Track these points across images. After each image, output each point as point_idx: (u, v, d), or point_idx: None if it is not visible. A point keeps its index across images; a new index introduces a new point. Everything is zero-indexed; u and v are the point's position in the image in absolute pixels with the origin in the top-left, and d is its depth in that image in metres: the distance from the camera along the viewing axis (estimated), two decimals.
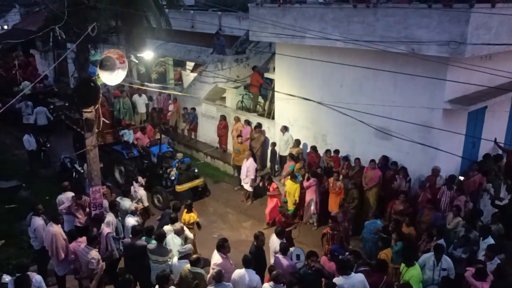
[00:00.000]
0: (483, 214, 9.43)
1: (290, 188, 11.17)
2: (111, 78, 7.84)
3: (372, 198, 10.76)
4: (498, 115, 11.80)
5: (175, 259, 7.75)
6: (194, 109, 16.49)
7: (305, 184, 11.16)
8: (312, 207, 11.14)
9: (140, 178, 11.19)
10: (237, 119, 14.73)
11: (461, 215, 9.19)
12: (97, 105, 8.21)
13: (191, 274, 7.05)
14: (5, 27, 40.31)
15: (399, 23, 9.65)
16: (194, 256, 7.41)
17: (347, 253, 7.97)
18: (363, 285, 6.88)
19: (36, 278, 7.07)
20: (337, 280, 6.85)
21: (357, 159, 11.41)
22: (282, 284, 6.73)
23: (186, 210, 9.69)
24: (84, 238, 7.94)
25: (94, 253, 7.73)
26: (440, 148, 9.34)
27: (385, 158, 11.17)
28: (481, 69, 9.25)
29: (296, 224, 9.98)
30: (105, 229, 8.35)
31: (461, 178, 10.62)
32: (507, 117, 12.49)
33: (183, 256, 7.59)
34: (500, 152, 11.95)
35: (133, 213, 9.19)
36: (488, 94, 10.43)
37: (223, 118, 15.34)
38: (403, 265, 7.73)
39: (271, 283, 6.71)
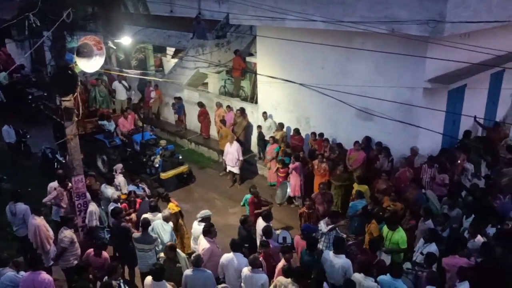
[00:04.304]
0: (463, 191, 9.62)
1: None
2: (89, 65, 7.70)
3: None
4: (478, 93, 11.96)
5: (195, 223, 8.43)
6: (180, 98, 16.07)
7: (291, 166, 11.22)
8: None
9: (119, 165, 10.99)
10: (219, 105, 14.63)
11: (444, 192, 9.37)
12: (76, 93, 8.06)
13: None
14: None
15: (380, 3, 9.63)
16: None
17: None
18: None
19: (6, 276, 6.87)
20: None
21: (338, 144, 11.51)
22: (260, 268, 6.77)
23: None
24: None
25: (68, 233, 7.91)
26: (421, 126, 9.45)
27: (368, 139, 11.26)
28: (460, 47, 9.32)
29: (270, 205, 9.98)
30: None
31: None
32: (486, 94, 12.66)
33: (203, 220, 8.22)
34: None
35: (116, 201, 9.10)
36: (467, 72, 10.53)
37: (201, 105, 15.12)
38: (386, 230, 7.95)
39: (249, 267, 6.74)
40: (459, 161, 10.24)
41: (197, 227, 8.34)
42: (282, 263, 7.07)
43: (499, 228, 7.95)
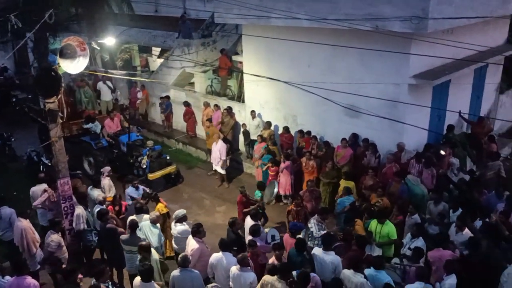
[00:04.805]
0: (449, 185, 9.71)
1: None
2: (72, 66, 7.62)
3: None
4: (462, 88, 12.09)
5: (172, 224, 8.43)
6: (168, 97, 15.96)
7: (282, 165, 11.22)
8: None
9: (106, 168, 10.76)
10: (207, 104, 14.58)
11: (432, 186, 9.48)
12: (60, 95, 7.96)
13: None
14: None
15: (363, 0, 9.67)
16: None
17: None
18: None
19: None
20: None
21: (325, 142, 11.56)
22: (249, 267, 6.77)
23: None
24: None
25: (55, 237, 7.87)
26: (407, 122, 9.53)
27: (354, 136, 11.32)
28: (444, 43, 9.41)
29: (259, 203, 9.95)
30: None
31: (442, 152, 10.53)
32: (470, 89, 12.81)
33: (178, 220, 8.22)
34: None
35: (101, 203, 8.99)
36: (451, 67, 10.66)
37: (187, 104, 15.09)
38: (374, 223, 7.99)
39: (238, 266, 6.72)
40: (443, 153, 10.31)
41: (175, 228, 8.36)
42: (271, 261, 7.07)
43: (484, 222, 8.05)
